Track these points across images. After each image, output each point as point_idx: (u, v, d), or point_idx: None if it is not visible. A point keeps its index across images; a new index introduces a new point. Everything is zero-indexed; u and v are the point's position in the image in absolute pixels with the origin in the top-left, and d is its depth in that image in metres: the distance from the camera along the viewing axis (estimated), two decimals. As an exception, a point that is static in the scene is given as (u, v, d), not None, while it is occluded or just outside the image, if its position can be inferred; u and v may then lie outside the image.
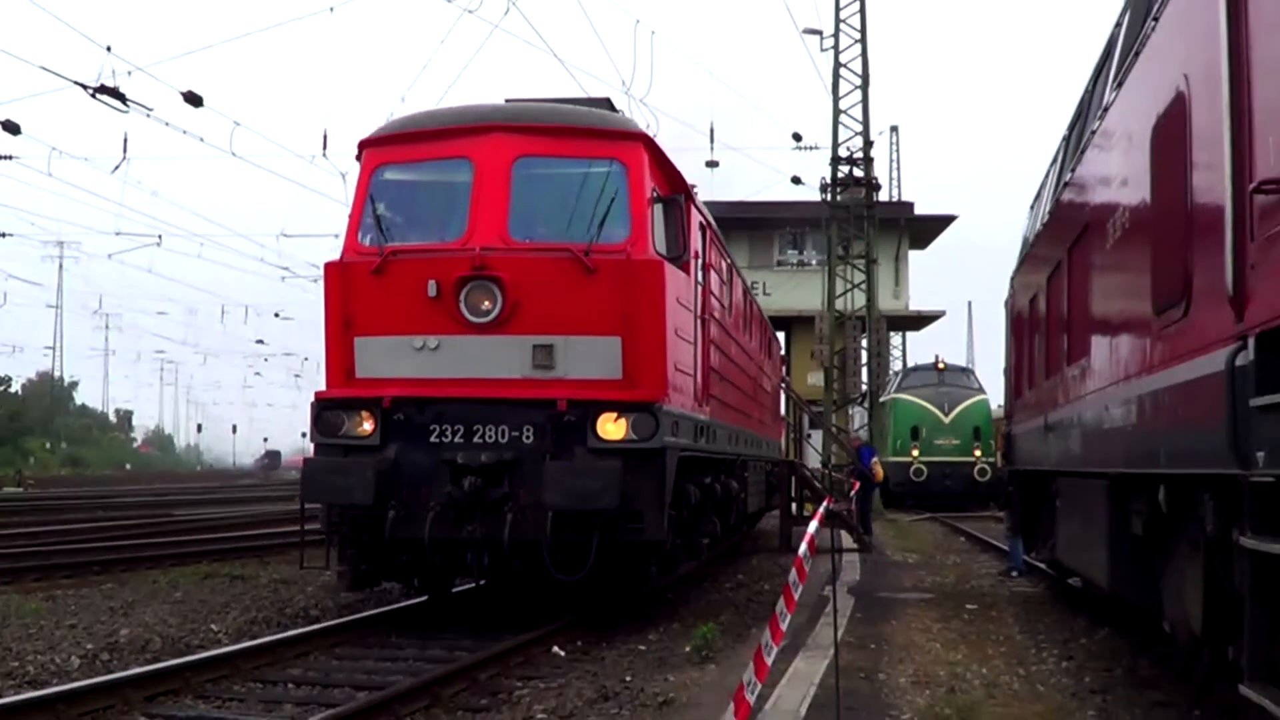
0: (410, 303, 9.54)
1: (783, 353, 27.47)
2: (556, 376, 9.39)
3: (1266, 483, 4.20)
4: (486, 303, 9.39)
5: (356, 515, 9.52)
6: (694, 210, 11.12)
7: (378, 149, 10.34)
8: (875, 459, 22.56)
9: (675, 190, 10.67)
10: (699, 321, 11.13)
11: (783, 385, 24.76)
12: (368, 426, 9.55)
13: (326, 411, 9.76)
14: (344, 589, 10.65)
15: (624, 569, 9.76)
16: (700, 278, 11.33)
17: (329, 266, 10.07)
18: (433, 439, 9.44)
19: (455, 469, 9.27)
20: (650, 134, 10.52)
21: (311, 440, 9.90)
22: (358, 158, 10.42)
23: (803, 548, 6.48)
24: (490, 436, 9.37)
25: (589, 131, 10.12)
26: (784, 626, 5.50)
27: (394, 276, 9.65)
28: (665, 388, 9.54)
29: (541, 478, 8.96)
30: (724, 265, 13.65)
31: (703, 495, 11.44)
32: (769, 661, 4.94)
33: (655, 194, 10.02)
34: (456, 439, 9.40)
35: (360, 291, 9.77)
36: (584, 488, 8.79)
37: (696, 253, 11.05)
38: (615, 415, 9.25)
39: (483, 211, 9.61)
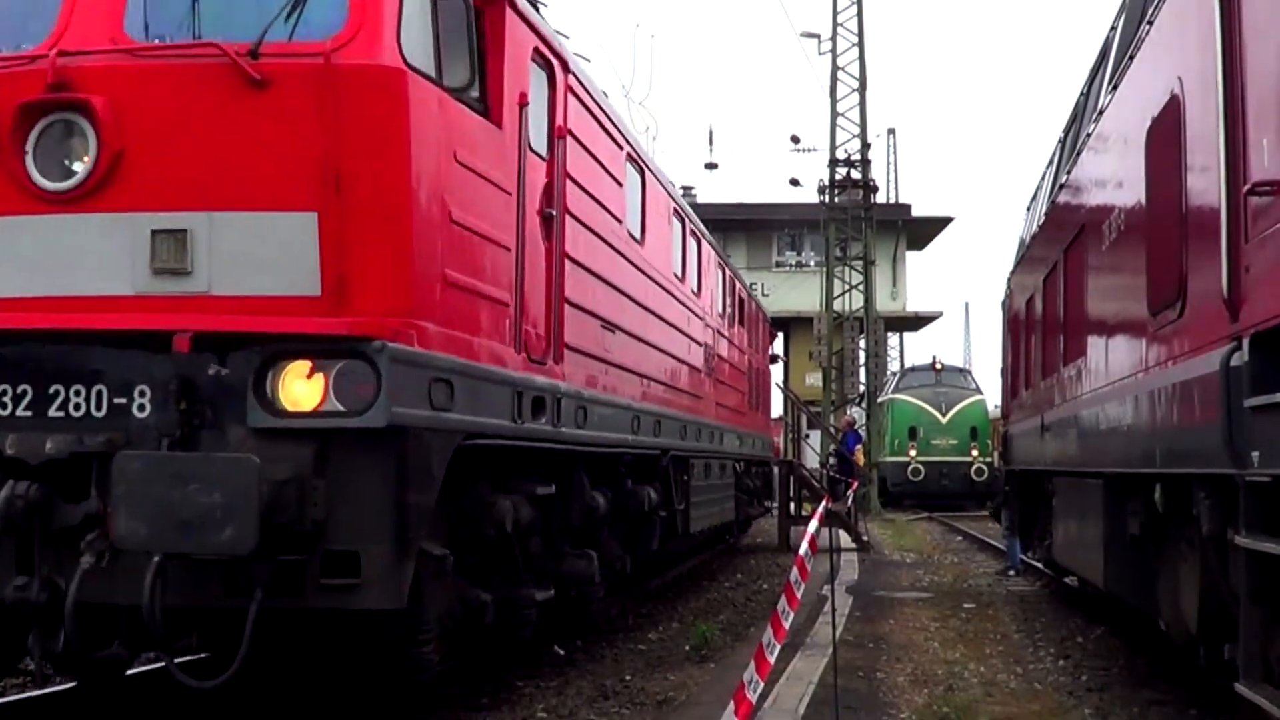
0: None
1: (770, 321, 21.47)
2: (196, 291, 5.21)
3: (1262, 482, 4.25)
4: (77, 154, 5.27)
5: None
6: (517, 19, 6.63)
7: None
8: (859, 445, 22.59)
9: None
10: (535, 218, 6.78)
11: (770, 358, 20.99)
12: None
13: None
14: None
15: (349, 662, 5.92)
16: (542, 147, 6.95)
17: None
18: None
19: (1, 466, 5.11)
20: None
21: None
22: None
23: (803, 547, 6.52)
24: (77, 405, 5.22)
25: None
26: (787, 625, 5.54)
27: None
28: (407, 310, 5.25)
29: (109, 489, 4.90)
30: (620, 152, 8.86)
31: (544, 517, 7.08)
32: (771, 660, 4.99)
33: None
34: (20, 410, 5.22)
35: None
36: (186, 508, 4.71)
37: (524, 97, 6.65)
38: (309, 364, 5.10)
39: None
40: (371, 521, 5.13)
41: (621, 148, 9.02)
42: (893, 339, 48.97)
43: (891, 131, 58.81)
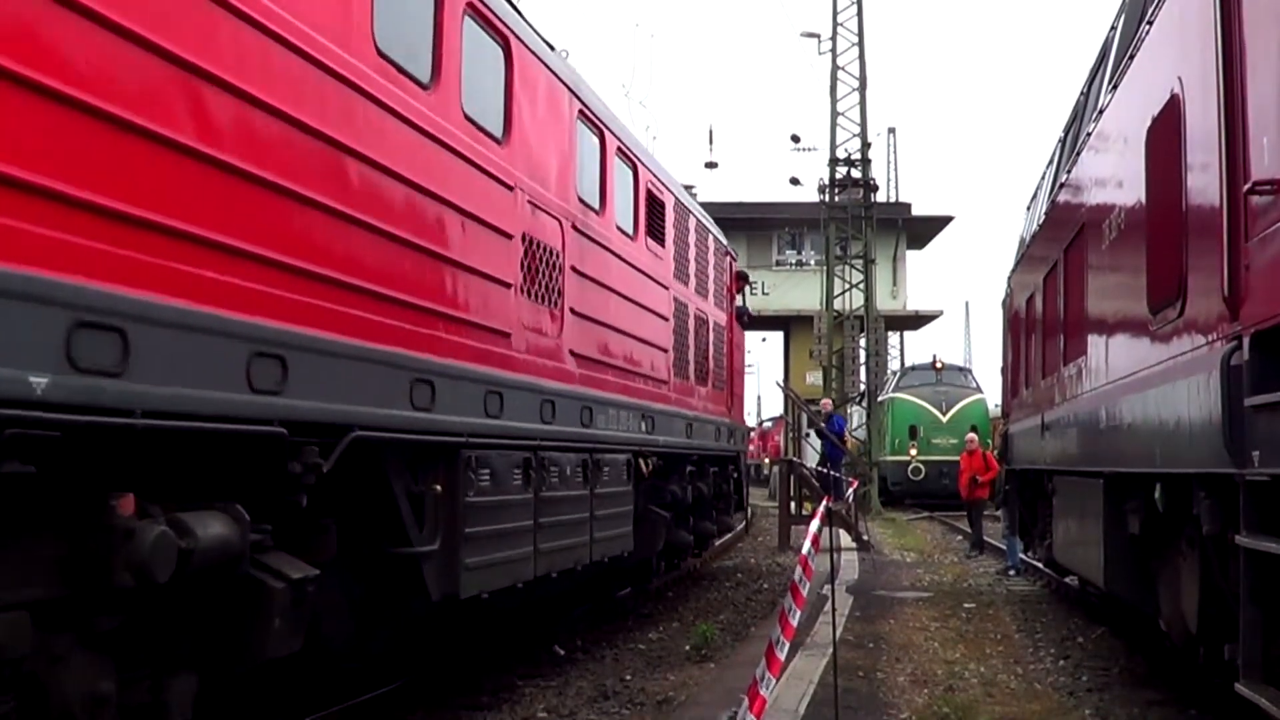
0: None
1: (733, 257, 14.72)
2: None
3: (1262, 481, 4.24)
4: None
5: None
6: None
7: None
8: (847, 427, 22.45)
9: None
10: None
11: (736, 314, 14.39)
12: None
13: None
14: None
15: None
16: None
17: None
18: None
19: None
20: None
21: None
22: None
23: (806, 545, 6.50)
24: None
25: None
26: (794, 622, 5.54)
27: None
28: None
29: None
30: None
31: None
32: (781, 657, 5.02)
33: None
34: None
35: None
36: None
37: None
38: None
39: None
40: None
41: None
42: (893, 338, 48.90)
43: (891, 131, 58.84)
